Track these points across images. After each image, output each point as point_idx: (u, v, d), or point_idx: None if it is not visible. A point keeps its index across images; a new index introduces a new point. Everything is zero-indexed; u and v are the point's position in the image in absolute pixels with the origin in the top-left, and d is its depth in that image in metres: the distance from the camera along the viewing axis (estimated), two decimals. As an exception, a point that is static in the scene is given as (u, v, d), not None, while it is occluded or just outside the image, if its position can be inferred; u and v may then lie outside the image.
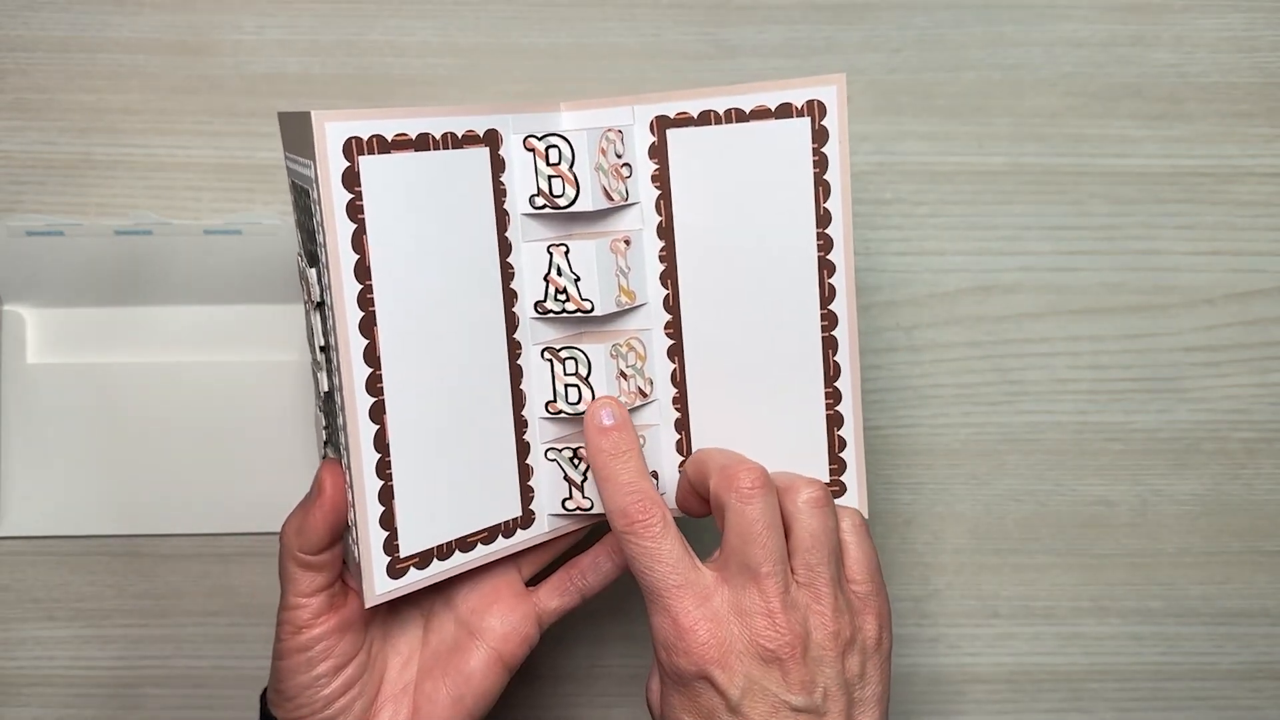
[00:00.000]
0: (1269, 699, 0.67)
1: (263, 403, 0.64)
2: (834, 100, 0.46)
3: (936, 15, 0.62)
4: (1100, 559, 0.66)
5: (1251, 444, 0.65)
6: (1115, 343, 0.65)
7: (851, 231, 0.47)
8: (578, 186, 0.47)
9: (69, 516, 0.65)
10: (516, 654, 0.51)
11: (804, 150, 0.47)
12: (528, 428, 0.50)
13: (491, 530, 0.49)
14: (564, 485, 0.50)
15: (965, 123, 0.63)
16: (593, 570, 0.52)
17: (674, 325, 0.50)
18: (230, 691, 0.66)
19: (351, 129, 0.43)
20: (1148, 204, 0.64)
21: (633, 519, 0.46)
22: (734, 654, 0.44)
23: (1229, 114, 0.63)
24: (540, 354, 0.49)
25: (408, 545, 0.46)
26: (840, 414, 0.49)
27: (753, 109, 0.47)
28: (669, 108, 0.48)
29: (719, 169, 0.48)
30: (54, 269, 0.62)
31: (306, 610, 0.47)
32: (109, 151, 0.63)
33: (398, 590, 0.46)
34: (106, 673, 0.66)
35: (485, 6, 0.62)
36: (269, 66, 0.62)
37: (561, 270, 0.48)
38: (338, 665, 0.48)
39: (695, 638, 0.44)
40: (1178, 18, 0.62)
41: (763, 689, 0.44)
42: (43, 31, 0.62)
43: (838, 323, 0.48)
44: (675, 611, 0.44)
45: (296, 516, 0.46)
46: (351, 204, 0.43)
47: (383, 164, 0.44)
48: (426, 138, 0.45)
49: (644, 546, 0.45)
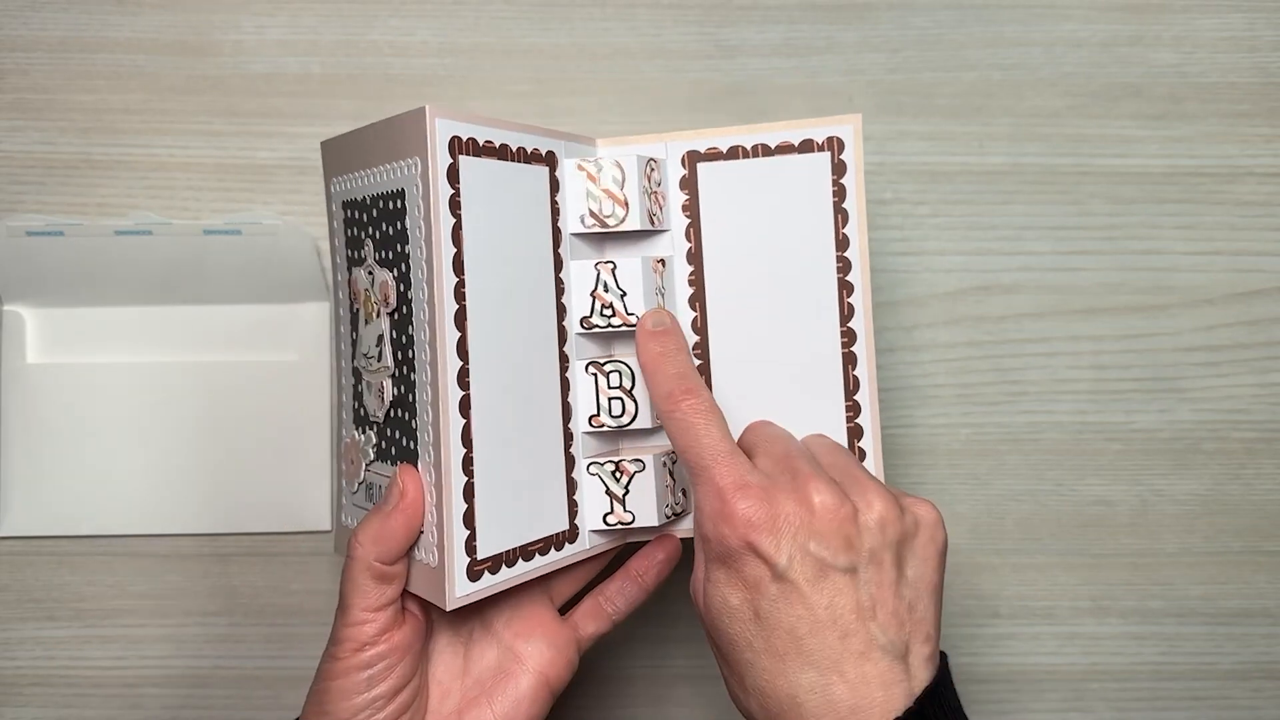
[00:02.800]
0: (1269, 699, 0.67)
1: (263, 403, 0.64)
2: (851, 137, 0.51)
3: (936, 15, 0.62)
4: (1100, 559, 0.66)
5: (1251, 444, 0.65)
6: (1115, 343, 0.65)
7: (868, 254, 0.51)
8: (627, 207, 0.50)
9: (69, 516, 0.65)
10: (562, 678, 0.50)
11: (824, 181, 0.51)
12: (573, 441, 0.50)
13: (546, 541, 0.49)
14: (606, 500, 0.51)
15: (965, 123, 0.63)
16: (620, 595, 0.53)
17: (701, 346, 0.53)
18: (230, 691, 0.66)
19: (456, 128, 0.45)
20: (1148, 204, 0.64)
21: (678, 399, 0.46)
22: (781, 518, 0.43)
23: (1229, 114, 0.63)
24: (585, 368, 0.51)
25: (485, 548, 0.45)
26: (860, 425, 0.52)
27: (778, 144, 0.51)
28: (700, 144, 0.52)
29: (746, 199, 0.52)
30: (54, 269, 0.62)
31: (373, 625, 0.45)
32: (109, 151, 0.63)
33: (474, 594, 0.45)
34: (106, 673, 0.66)
35: (485, 6, 0.62)
36: (269, 66, 0.62)
37: (609, 286, 0.50)
38: (395, 687, 0.46)
39: (740, 505, 0.43)
40: (1178, 18, 0.62)
41: (807, 552, 0.43)
42: (43, 31, 0.62)
43: (856, 339, 0.51)
44: (720, 481, 0.44)
45: (373, 524, 0.44)
46: (453, 199, 0.44)
47: (476, 166, 0.45)
48: (507, 148, 0.47)
49: (689, 421, 0.46)
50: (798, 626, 0.42)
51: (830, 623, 0.42)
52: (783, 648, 0.43)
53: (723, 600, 0.44)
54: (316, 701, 0.46)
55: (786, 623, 0.43)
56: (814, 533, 0.43)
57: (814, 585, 0.43)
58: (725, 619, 0.44)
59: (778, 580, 0.43)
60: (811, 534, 0.43)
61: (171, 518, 0.65)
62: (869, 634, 0.42)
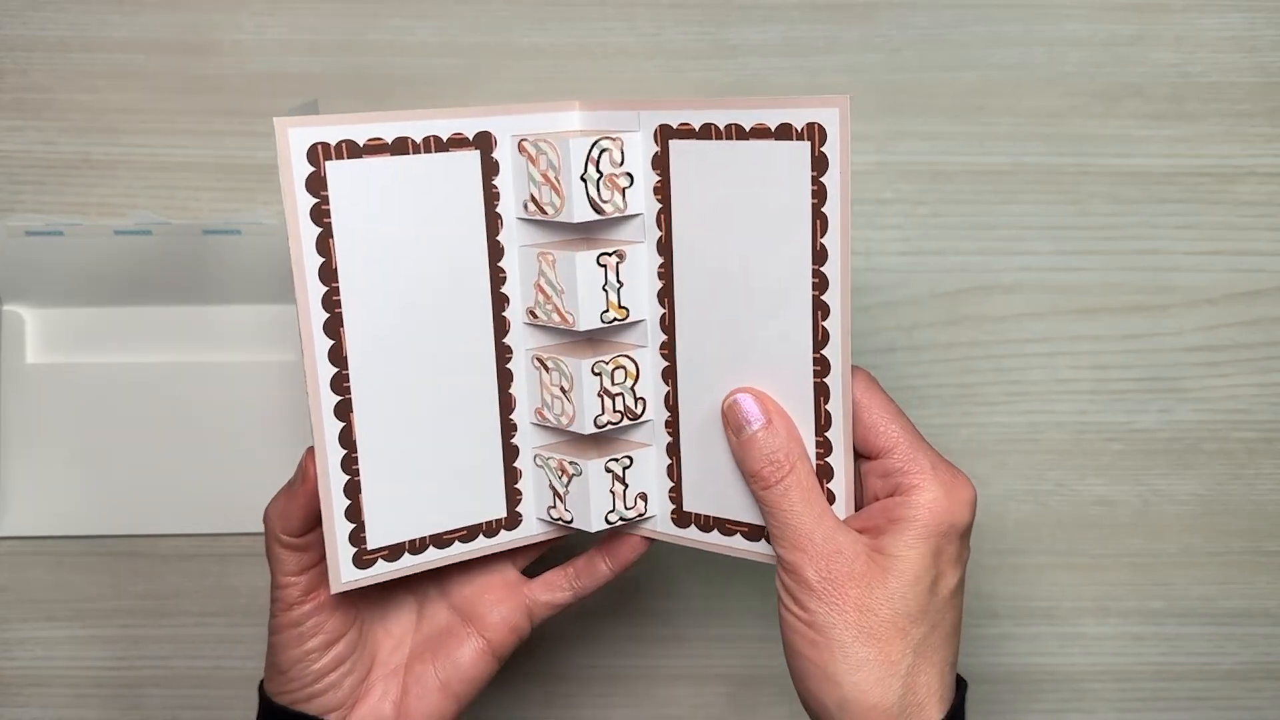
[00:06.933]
0: (1269, 699, 0.67)
1: (262, 403, 0.64)
2: (835, 124, 0.42)
3: (937, 15, 0.62)
4: (1101, 559, 0.66)
5: (1252, 444, 0.65)
6: (1116, 343, 0.64)
7: (849, 273, 0.43)
8: (564, 196, 0.46)
9: (69, 516, 0.65)
10: (506, 644, 0.52)
11: (803, 177, 0.43)
12: (517, 431, 0.50)
13: (471, 529, 0.50)
14: (549, 493, 0.50)
15: (966, 123, 0.63)
16: (588, 571, 0.53)
17: (669, 347, 0.48)
18: (230, 691, 0.66)
19: (316, 135, 0.44)
20: (1149, 204, 0.64)
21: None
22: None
23: (1230, 114, 0.63)
24: (530, 361, 0.49)
25: (375, 538, 0.47)
26: (830, 465, 0.46)
27: (752, 126, 0.43)
28: (673, 116, 0.45)
29: (719, 188, 0.45)
30: (54, 269, 0.62)
31: (295, 588, 0.49)
32: (109, 151, 0.63)
33: (363, 580, 0.47)
34: (106, 673, 0.66)
35: (485, 6, 0.62)
36: (269, 66, 0.62)
37: (548, 279, 0.48)
38: (328, 641, 0.49)
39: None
40: (1178, 18, 0.62)
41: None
42: (42, 31, 0.62)
43: (830, 369, 0.44)
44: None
45: (280, 501, 0.48)
46: (316, 208, 0.44)
47: (353, 169, 0.44)
48: (405, 142, 0.45)
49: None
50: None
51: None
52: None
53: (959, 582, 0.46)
54: (268, 654, 0.50)
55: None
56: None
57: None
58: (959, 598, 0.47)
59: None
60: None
61: (171, 518, 0.65)
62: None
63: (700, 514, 0.50)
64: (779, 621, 0.46)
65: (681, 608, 0.66)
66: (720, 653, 0.67)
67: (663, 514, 0.51)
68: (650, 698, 0.67)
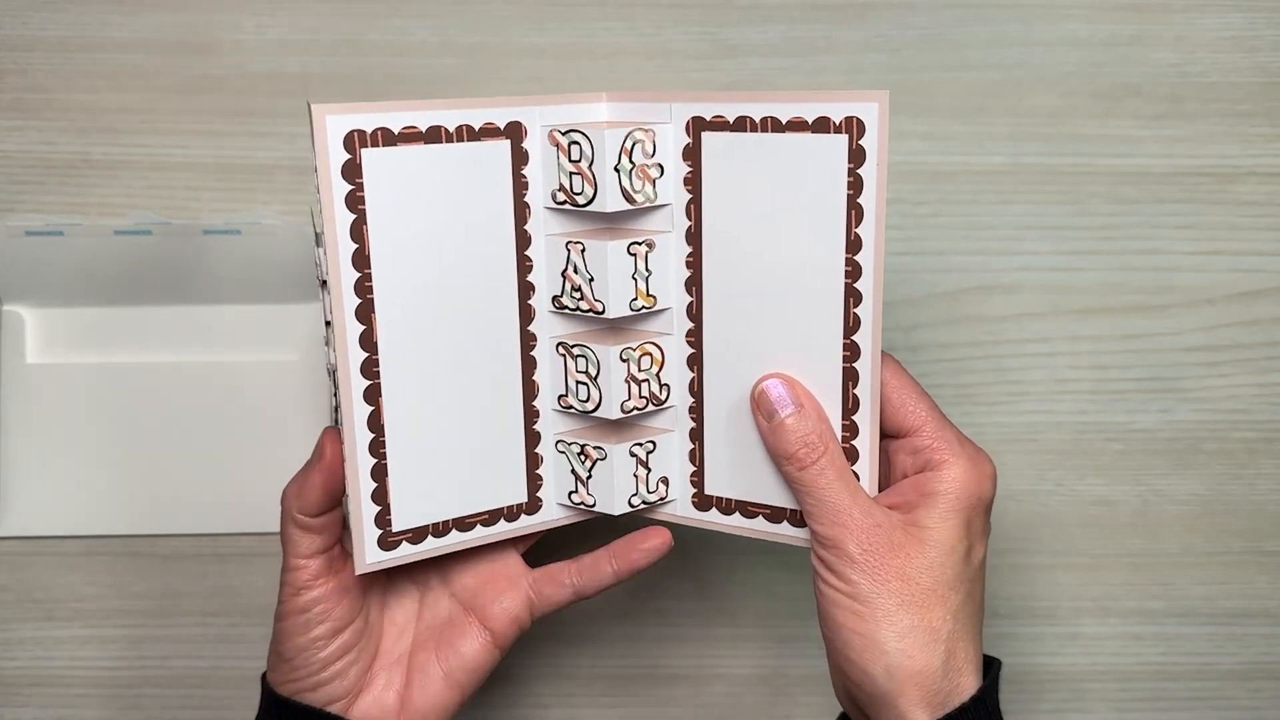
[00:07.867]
0: (1269, 699, 0.67)
1: (263, 403, 0.64)
2: (874, 119, 0.43)
3: (936, 15, 0.62)
4: (1101, 559, 0.66)
5: (1252, 444, 0.65)
6: (1116, 343, 0.65)
7: (883, 262, 0.45)
8: (596, 186, 0.47)
9: (69, 516, 0.65)
10: (508, 634, 0.52)
11: (839, 170, 0.44)
12: (539, 418, 0.51)
13: (493, 513, 0.50)
14: (570, 478, 0.51)
15: (965, 123, 0.63)
16: (592, 571, 0.53)
17: (695, 334, 0.49)
18: (230, 691, 0.66)
19: (353, 122, 0.44)
20: (1148, 204, 0.64)
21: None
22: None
23: (1230, 114, 0.63)
24: (555, 348, 0.50)
25: (401, 521, 0.48)
26: (855, 448, 0.47)
27: (789, 120, 0.45)
28: (706, 109, 0.47)
29: (752, 179, 0.46)
30: (54, 269, 0.62)
31: (306, 572, 0.49)
32: (109, 151, 0.63)
33: (388, 561, 0.48)
34: (106, 673, 0.66)
35: (485, 6, 0.62)
36: (269, 66, 0.62)
37: (578, 268, 0.48)
38: (335, 628, 0.49)
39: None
40: (1178, 17, 0.62)
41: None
42: (42, 31, 0.62)
43: (860, 355, 0.46)
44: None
45: (297, 480, 0.48)
46: (351, 195, 0.44)
47: (387, 156, 0.45)
48: (439, 130, 0.46)
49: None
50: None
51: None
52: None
53: (985, 554, 0.48)
54: (272, 642, 0.50)
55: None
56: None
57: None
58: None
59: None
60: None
61: (171, 518, 0.65)
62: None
63: (722, 497, 0.51)
64: (816, 597, 0.46)
65: (681, 608, 0.66)
66: (720, 653, 0.67)
67: (683, 498, 0.52)
68: (650, 698, 0.67)
